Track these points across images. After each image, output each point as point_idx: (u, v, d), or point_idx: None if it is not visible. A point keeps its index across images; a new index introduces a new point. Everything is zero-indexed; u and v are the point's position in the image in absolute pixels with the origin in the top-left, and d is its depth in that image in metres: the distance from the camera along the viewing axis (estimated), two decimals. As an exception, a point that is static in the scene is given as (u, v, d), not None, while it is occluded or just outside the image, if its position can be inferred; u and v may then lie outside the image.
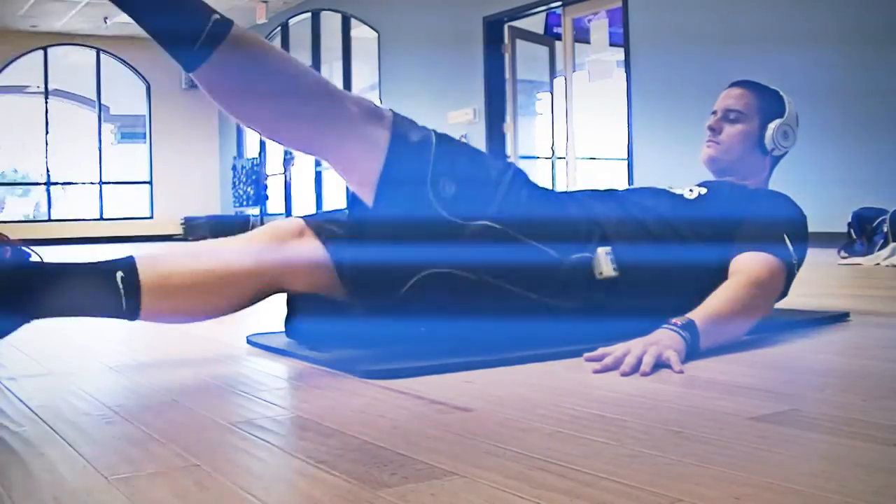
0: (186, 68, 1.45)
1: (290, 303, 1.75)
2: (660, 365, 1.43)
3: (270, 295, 1.66)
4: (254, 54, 1.47)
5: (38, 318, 1.47)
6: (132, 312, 1.51)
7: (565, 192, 1.92)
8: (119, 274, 1.48)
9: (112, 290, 1.48)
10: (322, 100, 1.51)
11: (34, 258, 1.47)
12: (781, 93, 2.08)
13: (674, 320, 1.54)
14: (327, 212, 1.75)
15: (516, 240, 1.60)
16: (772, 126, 2.01)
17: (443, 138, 1.62)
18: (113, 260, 1.53)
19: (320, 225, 1.67)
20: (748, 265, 1.72)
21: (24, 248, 1.46)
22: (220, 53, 1.43)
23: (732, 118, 2.02)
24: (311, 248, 1.64)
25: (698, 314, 1.57)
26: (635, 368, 1.41)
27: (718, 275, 1.73)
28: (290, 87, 1.48)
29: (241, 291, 1.60)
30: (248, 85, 1.47)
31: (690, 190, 1.95)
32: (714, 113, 2.06)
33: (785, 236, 1.79)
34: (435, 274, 1.56)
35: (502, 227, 1.58)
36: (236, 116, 1.53)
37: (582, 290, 1.65)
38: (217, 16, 1.44)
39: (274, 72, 1.48)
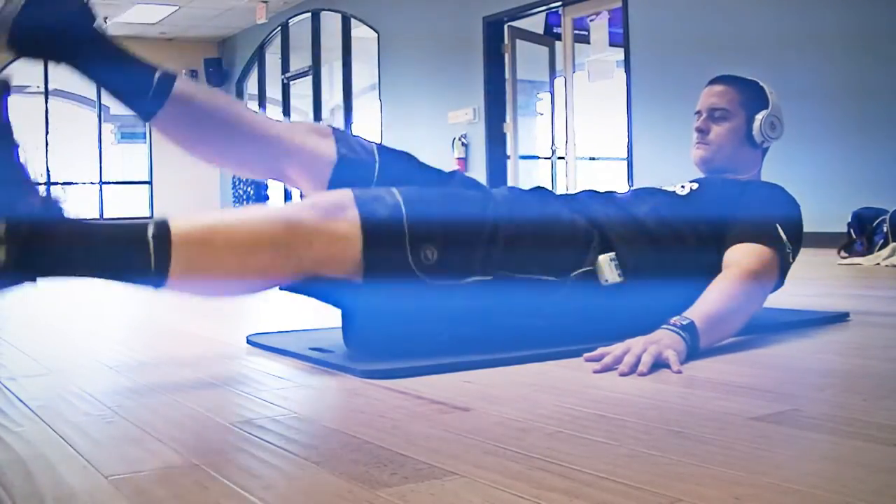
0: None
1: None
2: (659, 365, 1.43)
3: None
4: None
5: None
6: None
7: (561, 195, 1.92)
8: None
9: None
10: (285, 239, 1.44)
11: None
12: (762, 83, 2.08)
13: (673, 320, 1.54)
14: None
15: (512, 279, 1.59)
16: (758, 118, 2.01)
17: (411, 198, 1.54)
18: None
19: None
20: (741, 257, 1.73)
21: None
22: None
23: (718, 116, 2.03)
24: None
25: (696, 313, 1.57)
26: (634, 368, 1.41)
27: (718, 269, 1.74)
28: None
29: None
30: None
31: (682, 186, 1.95)
32: (698, 113, 2.07)
33: (777, 226, 1.80)
34: (445, 339, 1.59)
35: (494, 276, 1.57)
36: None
37: (588, 301, 1.66)
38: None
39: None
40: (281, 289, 1.59)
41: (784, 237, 1.79)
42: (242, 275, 1.44)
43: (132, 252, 1.35)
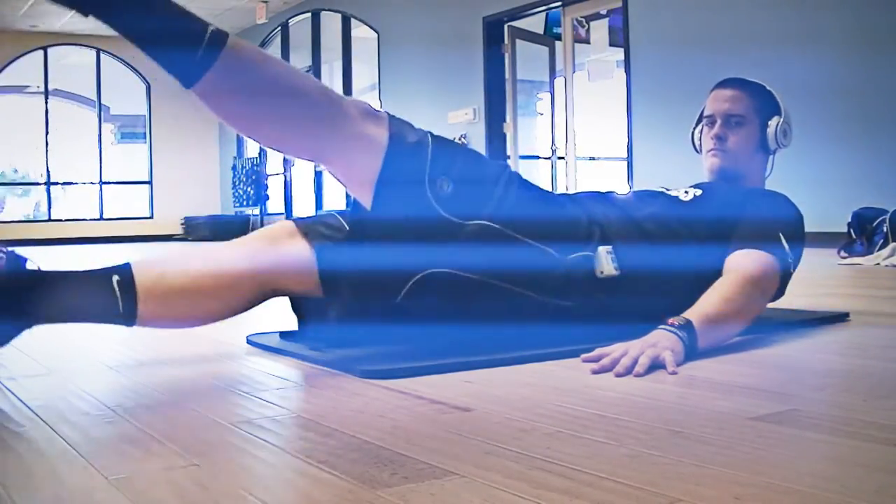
0: (186, 82, 1.42)
1: (297, 310, 1.75)
2: (657, 366, 1.43)
3: (267, 298, 1.65)
4: (252, 63, 1.47)
5: (36, 324, 1.46)
6: (129, 317, 1.50)
7: (563, 194, 1.92)
8: (115, 278, 1.48)
9: (108, 294, 1.47)
10: (321, 104, 1.51)
11: (30, 264, 1.46)
12: (769, 88, 2.07)
13: (671, 321, 1.54)
14: (320, 214, 1.75)
15: (516, 239, 1.60)
16: (772, 125, 2.01)
17: (439, 139, 1.63)
18: (109, 266, 1.53)
19: (309, 226, 1.66)
20: (742, 263, 1.72)
21: (19, 254, 1.45)
22: (219, 65, 1.40)
23: (735, 123, 2.01)
24: (299, 250, 1.63)
25: (695, 314, 1.57)
26: (630, 370, 1.41)
27: (717, 274, 1.73)
28: (289, 93, 1.48)
29: (237, 293, 1.59)
30: (248, 94, 1.46)
31: (686, 192, 1.95)
32: (711, 117, 2.05)
33: (780, 235, 1.79)
34: (434, 274, 1.56)
35: (501, 227, 1.58)
36: (235, 125, 1.53)
37: (583, 289, 1.65)
38: (212, 27, 1.42)
39: (272, 78, 1.48)
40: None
41: (786, 246, 1.79)
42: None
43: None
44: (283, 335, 1.80)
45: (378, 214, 1.54)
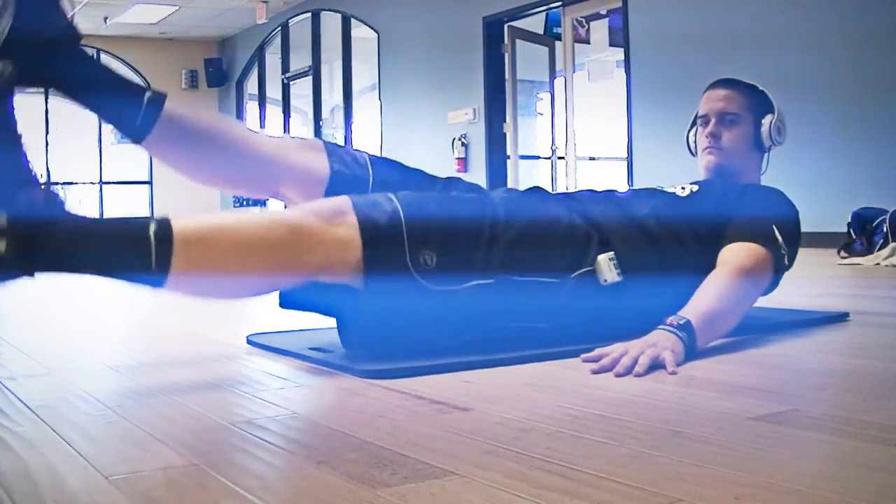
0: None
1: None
2: (657, 366, 1.43)
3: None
4: (208, 249, 1.39)
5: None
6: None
7: (561, 193, 1.92)
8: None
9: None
10: (284, 245, 1.43)
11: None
12: (761, 87, 2.09)
13: (669, 320, 1.54)
14: (349, 147, 1.81)
15: (512, 282, 1.59)
16: (766, 123, 2.03)
17: (410, 204, 1.54)
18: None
19: (333, 149, 1.75)
20: (734, 255, 1.74)
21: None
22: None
23: (729, 121, 2.03)
24: (316, 162, 1.71)
25: (692, 311, 1.57)
26: (630, 370, 1.41)
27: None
28: (252, 254, 1.41)
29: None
30: (217, 276, 1.41)
31: (682, 188, 1.96)
32: (705, 117, 2.07)
33: (773, 228, 1.80)
34: (440, 341, 1.58)
35: (495, 279, 1.57)
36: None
37: (588, 301, 1.66)
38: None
39: (231, 252, 1.40)
40: (282, 306, 1.64)
41: (780, 238, 1.79)
42: (242, 277, 1.43)
43: (133, 250, 1.33)
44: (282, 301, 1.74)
45: (373, 302, 1.52)
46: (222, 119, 1.67)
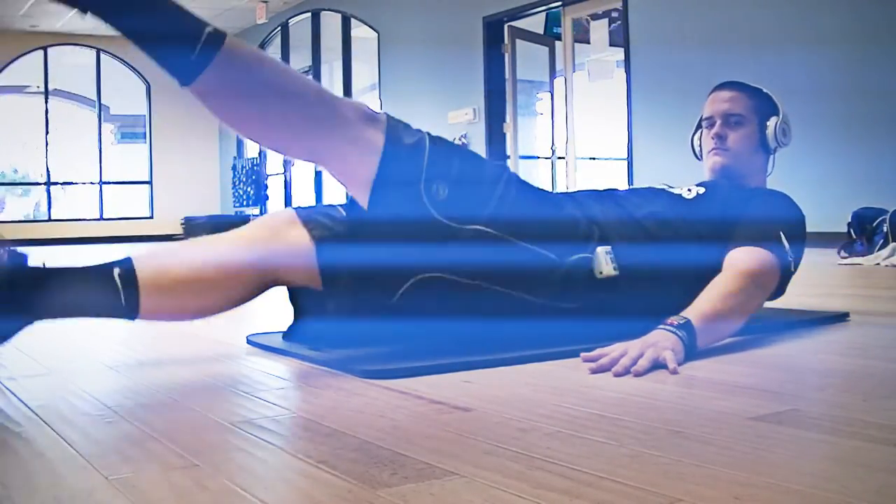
0: (183, 80, 1.44)
1: (295, 305, 1.75)
2: (657, 366, 1.43)
3: (268, 288, 1.64)
4: (249, 63, 1.47)
5: (38, 319, 1.46)
6: (131, 310, 1.49)
7: (563, 193, 1.92)
8: (116, 271, 1.47)
9: (110, 288, 1.47)
10: (318, 105, 1.51)
11: (31, 261, 1.46)
12: (766, 90, 2.09)
13: (670, 320, 1.54)
14: (322, 206, 1.75)
15: (512, 243, 1.59)
16: (771, 125, 2.03)
17: (437, 141, 1.62)
18: (110, 261, 1.53)
19: (310, 217, 1.65)
20: (740, 259, 1.73)
21: (19, 250, 1.45)
22: (217, 64, 1.41)
23: (734, 122, 2.03)
24: (299, 241, 1.62)
25: (694, 312, 1.56)
26: (629, 370, 1.40)
27: (717, 272, 1.73)
28: (286, 94, 1.49)
29: (238, 284, 1.58)
30: (246, 93, 1.47)
31: (689, 189, 1.95)
32: (710, 119, 2.07)
33: (781, 234, 1.80)
34: (429, 278, 1.56)
35: (497, 232, 1.58)
36: (233, 126, 1.55)
37: (582, 291, 1.65)
38: (210, 27, 1.43)
39: (270, 79, 1.48)
40: (284, 339, 1.77)
41: (786, 244, 1.79)
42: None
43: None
44: (285, 335, 1.80)
45: (374, 215, 1.54)
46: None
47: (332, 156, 1.55)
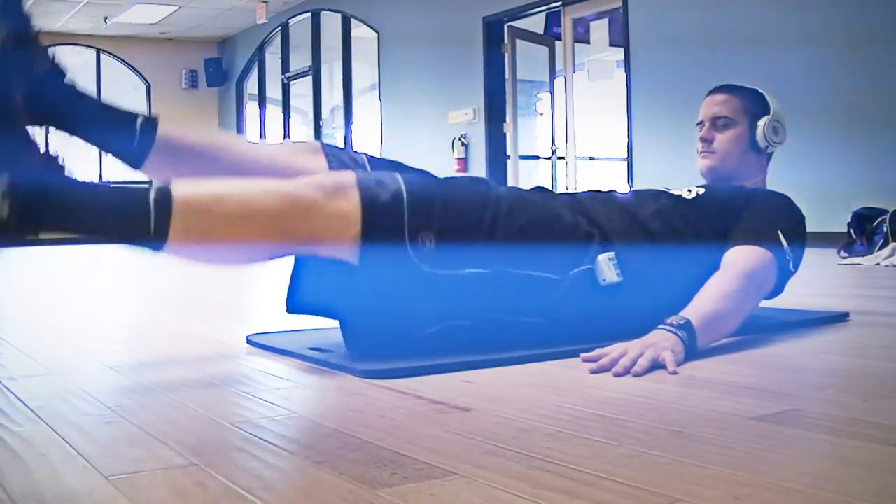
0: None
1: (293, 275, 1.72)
2: (657, 366, 1.43)
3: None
4: (205, 212, 1.40)
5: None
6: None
7: (562, 193, 1.92)
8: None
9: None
10: (281, 214, 1.44)
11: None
12: (761, 91, 2.10)
13: (669, 320, 1.54)
14: (348, 148, 1.74)
15: (509, 274, 1.58)
16: (760, 124, 2.04)
17: (413, 185, 1.55)
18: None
19: (333, 152, 1.70)
20: (738, 258, 1.74)
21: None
22: (175, 230, 1.36)
23: (721, 124, 2.06)
24: (317, 168, 1.64)
25: (693, 312, 1.57)
26: (629, 370, 1.41)
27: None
28: (249, 221, 1.42)
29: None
30: (211, 243, 1.43)
31: (689, 190, 1.95)
32: (700, 123, 2.09)
33: (779, 233, 1.80)
34: (435, 331, 1.57)
35: (491, 270, 1.57)
36: (216, 267, 1.60)
37: (586, 300, 1.65)
38: (154, 190, 1.36)
39: (229, 216, 1.41)
40: (288, 311, 1.65)
41: (785, 244, 1.79)
42: (239, 245, 1.45)
43: (132, 215, 1.35)
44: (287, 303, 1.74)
45: (366, 277, 1.51)
46: (217, 134, 1.62)
47: (313, 244, 1.49)
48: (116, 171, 1.69)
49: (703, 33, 6.48)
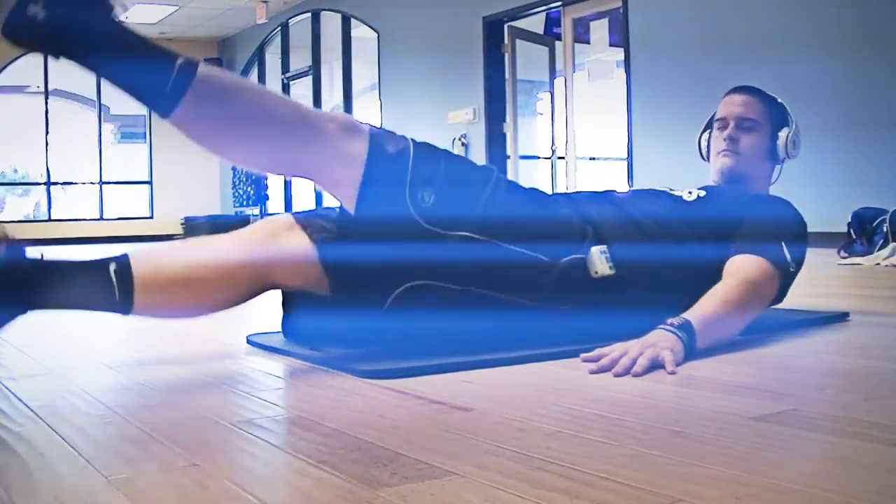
0: (161, 113, 1.44)
1: (286, 301, 1.75)
2: (656, 366, 1.43)
3: (263, 291, 1.63)
4: (225, 90, 1.48)
5: (32, 310, 1.45)
6: (125, 305, 1.48)
7: (559, 194, 1.92)
8: (112, 266, 1.48)
9: (105, 283, 1.47)
10: (298, 124, 1.51)
11: (30, 253, 1.46)
12: (779, 99, 2.09)
13: (670, 321, 1.54)
14: (318, 210, 1.74)
15: (501, 247, 1.59)
16: (783, 135, 2.03)
17: (422, 147, 1.62)
18: (107, 256, 1.52)
19: (309, 221, 1.65)
20: (742, 267, 1.73)
21: (19, 244, 1.45)
22: (192, 94, 1.42)
23: (747, 127, 2.03)
24: (300, 243, 1.61)
25: (694, 314, 1.57)
26: (629, 370, 1.41)
27: (715, 274, 1.73)
28: (265, 118, 1.49)
29: (234, 285, 1.57)
30: (224, 121, 1.48)
31: (690, 192, 1.95)
32: (723, 120, 2.05)
33: (783, 244, 1.80)
34: (418, 286, 1.56)
35: (485, 236, 1.57)
36: (216, 152, 1.55)
37: (578, 291, 1.65)
38: (182, 59, 1.43)
39: (247, 104, 1.49)
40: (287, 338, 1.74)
41: (788, 256, 1.79)
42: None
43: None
44: (283, 330, 1.78)
45: (361, 218, 1.53)
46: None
47: (317, 170, 1.55)
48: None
49: (703, 33, 6.48)
